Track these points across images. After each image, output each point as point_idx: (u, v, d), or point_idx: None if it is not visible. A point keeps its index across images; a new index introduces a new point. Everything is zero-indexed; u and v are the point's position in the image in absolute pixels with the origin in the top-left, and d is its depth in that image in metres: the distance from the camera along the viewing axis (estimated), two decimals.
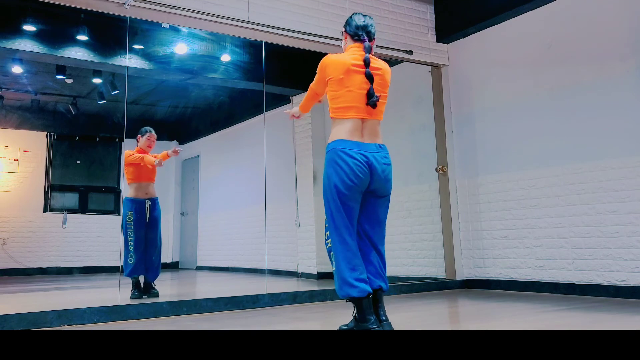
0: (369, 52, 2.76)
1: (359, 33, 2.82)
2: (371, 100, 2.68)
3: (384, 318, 2.69)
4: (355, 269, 2.64)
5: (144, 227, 4.65)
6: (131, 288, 4.53)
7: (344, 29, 2.91)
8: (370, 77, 2.70)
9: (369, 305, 2.65)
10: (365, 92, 2.69)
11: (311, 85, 2.92)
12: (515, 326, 3.03)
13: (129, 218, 4.60)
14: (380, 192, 2.76)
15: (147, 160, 4.69)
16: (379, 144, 2.75)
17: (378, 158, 2.70)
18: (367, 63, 2.71)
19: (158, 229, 4.79)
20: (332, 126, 2.77)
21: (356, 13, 2.92)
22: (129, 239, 4.57)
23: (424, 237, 5.70)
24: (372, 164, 2.67)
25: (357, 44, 2.82)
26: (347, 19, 2.90)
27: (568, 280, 4.56)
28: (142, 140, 4.80)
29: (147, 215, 4.66)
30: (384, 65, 2.84)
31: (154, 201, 4.76)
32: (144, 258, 4.64)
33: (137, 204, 4.65)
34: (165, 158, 4.73)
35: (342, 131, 2.69)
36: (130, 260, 4.53)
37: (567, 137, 4.63)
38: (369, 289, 2.65)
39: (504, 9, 5.05)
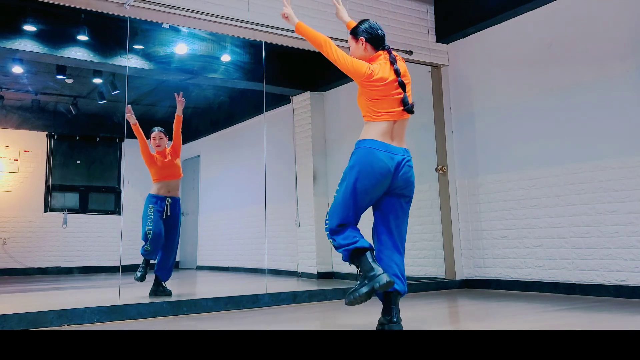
0: (395, 62, 2.87)
1: (381, 43, 2.93)
2: (406, 107, 2.83)
3: (395, 320, 2.71)
4: (354, 235, 2.72)
5: (162, 224, 4.70)
6: (140, 264, 4.59)
7: (362, 37, 2.93)
8: (403, 86, 2.83)
9: (372, 257, 2.67)
10: (400, 99, 2.82)
11: (344, 57, 2.83)
12: (515, 326, 3.03)
13: (149, 211, 4.66)
14: (405, 192, 2.84)
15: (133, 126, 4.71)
16: (405, 148, 2.86)
17: (404, 160, 2.80)
18: (398, 73, 2.83)
19: (177, 230, 4.84)
20: (366, 125, 2.86)
21: (366, 20, 2.99)
22: (148, 228, 4.61)
23: (424, 237, 5.70)
24: (397, 166, 2.76)
25: (381, 53, 2.90)
26: (365, 27, 2.94)
27: (568, 280, 4.56)
28: (151, 143, 4.83)
29: (167, 213, 4.71)
30: (406, 69, 2.93)
31: (175, 200, 4.80)
32: (161, 255, 4.70)
33: (157, 200, 4.72)
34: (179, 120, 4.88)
35: (374, 132, 2.80)
36: (147, 248, 4.60)
37: (567, 137, 4.62)
38: (369, 243, 2.71)
39: (504, 9, 5.05)
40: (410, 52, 5.40)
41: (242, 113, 7.72)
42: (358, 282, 2.69)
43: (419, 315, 3.63)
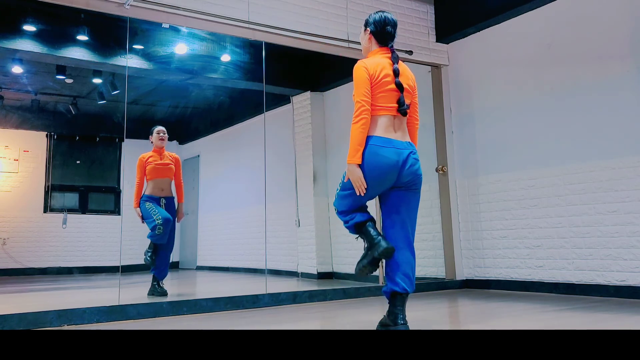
0: (397, 62, 2.81)
1: (387, 39, 2.87)
2: (401, 108, 2.77)
3: (402, 322, 2.71)
4: (356, 212, 2.82)
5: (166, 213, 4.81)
6: (147, 249, 4.68)
7: (368, 28, 2.90)
8: (400, 87, 2.77)
9: (373, 226, 2.76)
10: (396, 100, 2.77)
11: (359, 99, 2.75)
12: (515, 326, 3.03)
13: (148, 206, 4.74)
14: (413, 186, 2.82)
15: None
16: (409, 142, 2.83)
17: (409, 154, 2.78)
18: (396, 73, 2.78)
19: (173, 229, 4.90)
20: None
21: (382, 12, 2.91)
22: (156, 217, 4.65)
23: (424, 237, 5.70)
24: (403, 161, 2.74)
25: (384, 50, 2.87)
26: (374, 18, 2.89)
27: (568, 280, 4.56)
28: (154, 137, 4.93)
29: None
30: (410, 73, 2.90)
31: (169, 200, 4.89)
32: (159, 255, 4.74)
33: (152, 199, 4.81)
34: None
35: (376, 127, 2.76)
36: (159, 232, 4.63)
37: (567, 137, 4.62)
38: (369, 216, 2.81)
39: (504, 9, 5.05)
40: (410, 52, 5.40)
41: (242, 113, 7.72)
42: (364, 252, 2.80)
43: (420, 315, 3.62)
